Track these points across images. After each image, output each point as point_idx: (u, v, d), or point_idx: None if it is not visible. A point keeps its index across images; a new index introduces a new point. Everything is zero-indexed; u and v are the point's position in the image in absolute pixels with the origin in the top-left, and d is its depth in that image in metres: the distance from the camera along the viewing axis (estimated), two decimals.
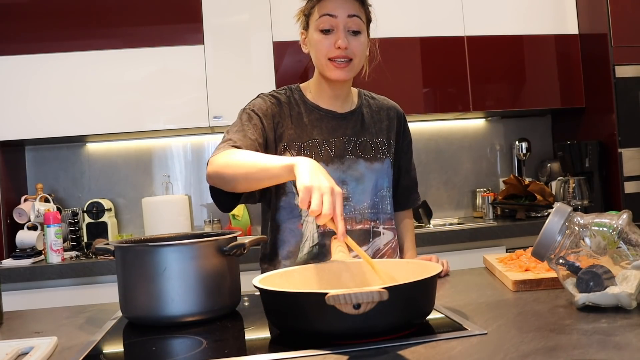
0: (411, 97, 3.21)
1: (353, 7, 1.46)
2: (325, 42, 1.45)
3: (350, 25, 1.45)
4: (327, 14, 1.45)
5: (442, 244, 2.86)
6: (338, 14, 1.44)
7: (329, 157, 1.50)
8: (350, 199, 1.50)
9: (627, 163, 3.10)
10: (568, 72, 3.37)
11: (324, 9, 1.45)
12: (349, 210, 1.50)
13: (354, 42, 1.45)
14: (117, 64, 2.96)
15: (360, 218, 1.51)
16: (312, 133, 1.51)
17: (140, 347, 1.10)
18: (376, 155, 1.56)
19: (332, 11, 1.44)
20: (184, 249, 1.19)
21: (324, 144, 1.51)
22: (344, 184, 1.50)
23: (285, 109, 1.52)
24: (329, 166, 1.49)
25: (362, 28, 1.48)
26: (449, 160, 3.63)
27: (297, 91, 1.57)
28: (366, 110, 1.60)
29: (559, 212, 1.10)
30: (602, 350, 0.84)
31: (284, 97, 1.54)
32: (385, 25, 3.40)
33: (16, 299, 2.45)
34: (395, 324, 0.96)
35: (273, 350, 0.96)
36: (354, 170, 1.51)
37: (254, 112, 1.48)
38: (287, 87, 1.58)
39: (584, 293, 1.06)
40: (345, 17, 1.44)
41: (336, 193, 1.09)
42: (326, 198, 1.07)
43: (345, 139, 1.53)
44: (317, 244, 1.47)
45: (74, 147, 3.30)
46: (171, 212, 3.07)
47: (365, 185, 1.52)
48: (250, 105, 1.51)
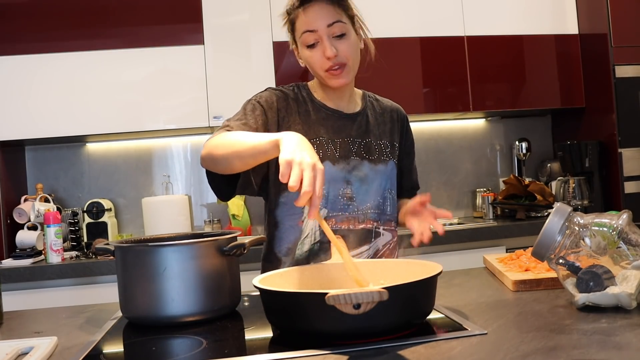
0: (411, 97, 3.21)
1: (329, 14, 1.43)
2: (315, 56, 1.45)
3: (333, 31, 1.43)
4: (307, 31, 1.44)
5: (442, 244, 2.86)
6: (318, 27, 1.42)
7: (335, 157, 1.50)
8: (354, 199, 1.50)
9: (627, 163, 3.10)
10: (568, 72, 3.37)
11: (303, 26, 1.44)
12: (352, 210, 1.50)
13: (342, 46, 1.44)
14: (117, 64, 2.96)
15: (363, 218, 1.51)
16: (319, 131, 1.51)
17: (140, 347, 1.10)
18: (380, 157, 1.56)
19: (311, 26, 1.43)
20: (184, 249, 1.19)
21: (330, 143, 1.51)
22: (348, 184, 1.50)
23: (293, 104, 1.52)
24: (335, 165, 1.49)
25: (347, 29, 1.46)
26: (449, 160, 3.63)
27: (304, 88, 1.56)
28: (370, 112, 1.60)
29: (559, 212, 1.10)
30: (602, 350, 0.84)
31: (292, 93, 1.54)
32: (386, 25, 3.41)
33: (16, 299, 2.45)
34: (395, 324, 0.96)
35: (273, 350, 0.96)
36: (358, 170, 1.52)
37: (258, 103, 1.48)
38: (295, 84, 1.58)
39: (584, 293, 1.06)
40: (325, 28, 1.42)
41: (317, 169, 1.06)
42: (306, 173, 1.04)
43: (350, 140, 1.53)
44: (319, 241, 1.47)
45: (74, 147, 3.30)
46: (171, 212, 3.07)
47: (369, 186, 1.53)
48: (257, 97, 1.50)
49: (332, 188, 1.48)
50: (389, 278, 1.19)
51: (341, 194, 1.49)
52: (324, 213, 1.47)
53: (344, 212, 1.49)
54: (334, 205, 1.48)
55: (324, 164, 1.46)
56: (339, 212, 1.48)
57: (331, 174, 1.47)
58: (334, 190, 1.48)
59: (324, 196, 1.47)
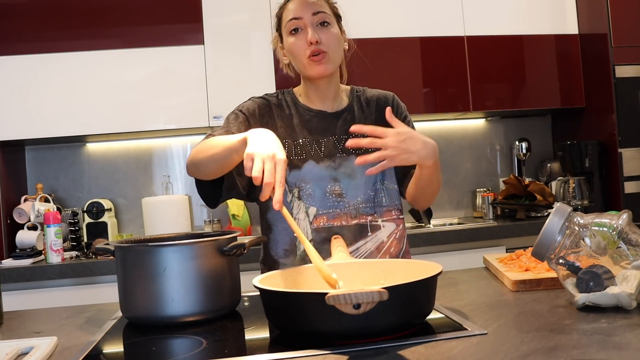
0: (411, 97, 3.21)
1: (316, 5, 1.50)
2: (298, 42, 1.50)
3: (317, 20, 1.50)
4: (292, 18, 1.50)
5: (442, 244, 2.87)
6: (302, 15, 1.49)
7: (319, 156, 1.52)
8: (344, 195, 1.51)
9: (627, 163, 3.10)
10: (568, 72, 3.37)
11: (289, 15, 1.52)
12: (343, 206, 1.51)
13: (324, 35, 1.49)
14: (117, 64, 2.96)
15: (355, 213, 1.52)
16: (303, 132, 1.54)
17: (140, 347, 1.10)
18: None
19: (297, 14, 1.50)
20: (184, 249, 1.19)
21: (314, 144, 1.54)
22: (336, 182, 1.51)
23: (275, 110, 1.56)
24: (319, 164, 1.51)
25: (331, 20, 1.52)
26: (449, 160, 3.63)
27: (289, 94, 1.61)
28: (357, 106, 1.61)
29: (559, 212, 1.10)
30: (602, 350, 0.84)
31: (274, 100, 1.59)
32: (386, 25, 3.41)
33: (16, 299, 2.45)
34: (395, 324, 0.96)
35: (273, 350, 0.96)
36: (345, 167, 1.53)
37: (241, 112, 1.54)
38: (280, 91, 1.63)
39: (584, 293, 1.06)
40: (311, 16, 1.49)
41: (277, 160, 1.13)
42: (266, 165, 1.11)
43: (335, 138, 1.55)
44: (312, 240, 1.47)
45: (74, 147, 3.30)
46: (171, 212, 3.07)
47: (358, 180, 1.53)
48: (239, 107, 1.56)
49: (318, 186, 1.50)
50: (389, 278, 1.19)
51: (329, 191, 1.50)
52: (313, 211, 1.49)
53: (334, 209, 1.50)
54: (323, 203, 1.50)
55: (307, 163, 1.51)
56: (330, 210, 1.50)
57: (315, 172, 1.50)
58: (321, 188, 1.50)
59: (311, 195, 1.50)
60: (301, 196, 1.50)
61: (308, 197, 1.50)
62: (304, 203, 1.50)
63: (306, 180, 1.50)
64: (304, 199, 1.50)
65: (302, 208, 1.50)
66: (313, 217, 1.49)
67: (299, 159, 1.51)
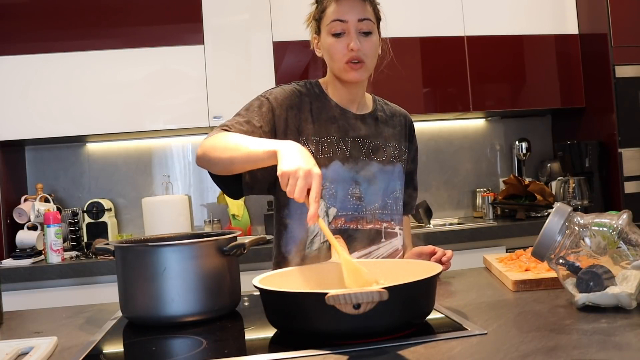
0: (411, 97, 3.21)
1: (362, 10, 1.46)
2: (338, 45, 1.46)
3: (361, 27, 1.46)
4: (337, 19, 1.45)
5: (442, 244, 2.85)
6: (348, 19, 1.45)
7: (345, 156, 1.50)
8: (363, 199, 1.51)
9: (627, 163, 3.10)
10: (568, 72, 3.37)
11: (334, 15, 1.46)
12: (361, 209, 1.50)
13: (366, 44, 1.46)
14: (117, 64, 2.96)
15: (371, 218, 1.51)
16: (331, 129, 1.51)
17: (140, 347, 1.10)
18: (388, 158, 1.56)
19: (342, 16, 1.45)
20: (184, 249, 1.19)
21: (341, 142, 1.51)
22: (357, 185, 1.50)
23: (306, 101, 1.51)
24: (344, 165, 1.49)
25: (373, 29, 1.49)
26: (449, 160, 3.63)
27: (317, 86, 1.56)
28: (381, 115, 1.60)
29: (559, 212, 1.10)
30: (602, 350, 0.84)
31: (304, 89, 1.54)
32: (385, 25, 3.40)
33: (16, 299, 2.45)
34: (395, 324, 0.96)
35: (273, 350, 0.96)
36: (366, 171, 1.52)
37: (267, 100, 1.48)
38: (307, 81, 1.58)
39: (584, 293, 1.06)
40: (356, 21, 1.45)
41: (313, 175, 1.12)
42: (299, 182, 1.10)
43: (359, 141, 1.53)
44: (324, 241, 1.46)
45: (74, 147, 3.30)
46: (171, 212, 3.07)
47: (377, 186, 1.53)
48: (267, 93, 1.50)
49: (341, 187, 1.48)
50: (389, 278, 1.19)
51: (350, 194, 1.49)
52: (333, 212, 1.47)
53: (353, 211, 1.49)
54: (343, 205, 1.48)
55: (333, 163, 1.48)
56: (349, 212, 1.48)
57: (340, 173, 1.48)
58: (343, 190, 1.48)
59: (333, 195, 1.47)
60: (323, 195, 1.46)
61: (330, 197, 1.47)
62: (325, 203, 1.47)
63: (331, 180, 1.47)
64: (326, 198, 1.47)
65: (322, 207, 1.47)
66: (332, 218, 1.47)
67: (325, 157, 1.48)
